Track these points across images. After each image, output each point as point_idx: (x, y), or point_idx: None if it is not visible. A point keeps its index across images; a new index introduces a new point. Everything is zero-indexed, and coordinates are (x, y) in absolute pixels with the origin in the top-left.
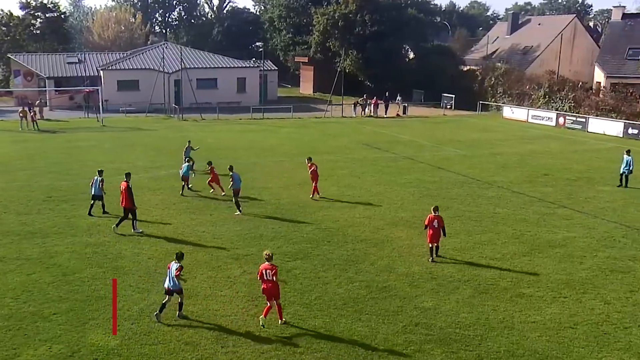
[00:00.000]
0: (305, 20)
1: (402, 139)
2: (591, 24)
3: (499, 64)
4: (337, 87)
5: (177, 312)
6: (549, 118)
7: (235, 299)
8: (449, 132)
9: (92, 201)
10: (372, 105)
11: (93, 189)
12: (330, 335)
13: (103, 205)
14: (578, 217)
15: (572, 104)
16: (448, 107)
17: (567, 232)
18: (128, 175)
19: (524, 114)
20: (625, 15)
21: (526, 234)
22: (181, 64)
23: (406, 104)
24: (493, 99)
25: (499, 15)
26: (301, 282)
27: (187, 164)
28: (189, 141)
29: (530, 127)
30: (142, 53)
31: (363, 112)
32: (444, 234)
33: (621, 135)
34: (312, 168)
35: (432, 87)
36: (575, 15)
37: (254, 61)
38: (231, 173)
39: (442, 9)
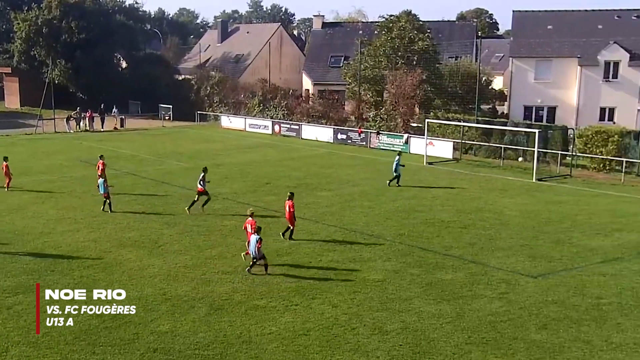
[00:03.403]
0: (5, 27)
1: (123, 154)
2: (295, 32)
3: (213, 73)
4: (47, 100)
5: (265, 272)
6: (265, 126)
7: None
8: (170, 144)
9: None
10: (87, 118)
11: None
12: None
13: None
14: (301, 224)
15: (285, 112)
16: (166, 118)
17: (292, 239)
18: None
19: (242, 122)
20: (325, 24)
21: None
22: None
23: (123, 116)
24: (210, 109)
25: (208, 23)
26: (25, 319)
27: None
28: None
29: (248, 136)
30: None
31: (78, 126)
32: (294, 219)
33: (332, 141)
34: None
35: (149, 98)
36: (280, 24)
37: None
38: None
39: (151, 16)
